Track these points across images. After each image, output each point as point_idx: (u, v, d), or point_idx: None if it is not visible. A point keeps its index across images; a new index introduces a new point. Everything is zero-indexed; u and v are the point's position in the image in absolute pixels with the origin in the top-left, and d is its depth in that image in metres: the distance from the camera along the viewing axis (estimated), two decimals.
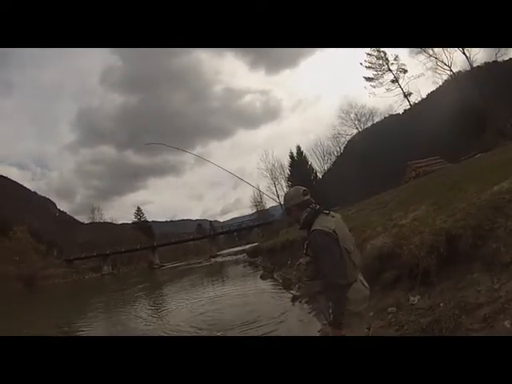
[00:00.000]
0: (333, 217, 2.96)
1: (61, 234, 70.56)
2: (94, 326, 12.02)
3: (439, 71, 43.42)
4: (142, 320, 12.18)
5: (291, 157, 59.43)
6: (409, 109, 49.79)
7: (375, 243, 6.89)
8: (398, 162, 35.01)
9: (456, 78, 42.77)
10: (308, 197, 3.07)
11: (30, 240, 50.83)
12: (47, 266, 49.43)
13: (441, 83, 47.48)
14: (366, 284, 3.00)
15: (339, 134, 55.03)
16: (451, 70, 42.93)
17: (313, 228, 2.87)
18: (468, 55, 40.01)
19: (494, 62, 41.64)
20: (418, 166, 29.48)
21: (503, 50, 39.23)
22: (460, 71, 43.26)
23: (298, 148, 60.05)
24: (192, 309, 12.46)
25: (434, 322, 4.30)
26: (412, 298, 5.25)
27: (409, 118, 48.46)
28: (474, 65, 41.29)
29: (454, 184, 8.73)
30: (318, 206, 3.04)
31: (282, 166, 58.29)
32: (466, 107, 36.92)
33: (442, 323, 4.18)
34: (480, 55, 40.23)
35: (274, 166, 57.44)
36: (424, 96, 51.34)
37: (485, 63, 42.13)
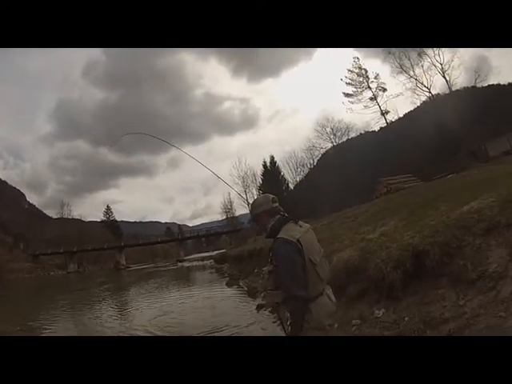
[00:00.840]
0: (300, 226, 2.78)
1: (28, 227, 67.62)
2: (56, 325, 11.56)
3: (418, 92, 44.63)
4: (101, 320, 11.87)
5: (264, 166, 58.97)
6: (385, 126, 50.53)
7: (342, 256, 6.84)
8: (370, 178, 35.22)
9: (434, 100, 43.86)
10: (277, 204, 2.93)
11: None
12: (13, 260, 47.44)
13: (419, 104, 48.41)
14: (333, 299, 2.82)
15: (314, 146, 55.29)
16: (430, 92, 44.11)
17: (277, 236, 2.70)
18: (448, 79, 41.34)
19: (472, 87, 42.66)
20: (390, 182, 29.71)
21: (483, 75, 40.90)
22: (439, 94, 44.46)
23: (272, 158, 59.56)
24: (153, 313, 12.21)
25: (396, 335, 4.26)
26: (377, 312, 5.21)
27: (384, 136, 48.89)
28: (453, 88, 42.60)
29: (424, 202, 8.80)
30: (287, 215, 2.89)
31: (254, 175, 58.14)
32: (441, 128, 37.69)
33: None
34: (460, 79, 41.64)
35: (246, 173, 57.31)
36: (401, 115, 52.13)
37: (464, 88, 43.26)
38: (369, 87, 50.60)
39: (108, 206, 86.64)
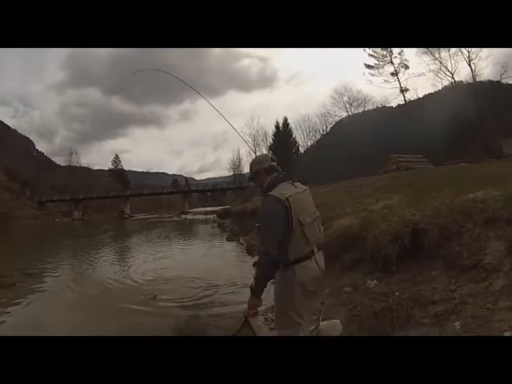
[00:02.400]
0: (295, 187, 2.85)
1: (36, 174, 68.13)
2: (60, 270, 11.87)
3: (441, 75, 43.50)
4: (101, 267, 12.34)
5: (276, 127, 59.27)
6: (403, 104, 49.92)
7: (342, 222, 6.81)
8: (381, 153, 34.94)
9: (456, 87, 42.62)
10: (275, 163, 3.01)
11: (4, 178, 49.06)
12: (19, 207, 48.08)
13: (440, 88, 47.55)
14: (322, 265, 2.91)
15: (328, 113, 55.08)
16: (453, 78, 42.90)
17: (269, 193, 2.76)
18: (473, 68, 40.17)
19: (497, 81, 41.94)
20: (400, 160, 29.34)
21: (510, 71, 39.82)
22: (461, 81, 43.19)
23: (285, 119, 59.78)
24: (153, 260, 12.76)
25: (386, 308, 4.27)
26: (369, 282, 5.22)
27: (401, 113, 48.43)
28: (477, 79, 41.69)
29: (430, 183, 8.67)
30: (284, 174, 2.98)
31: (265, 134, 58.81)
32: (459, 116, 37.08)
33: (394, 311, 4.16)
34: (485, 71, 40.59)
35: (257, 132, 57.98)
36: (420, 95, 51.42)
37: (488, 80, 42.27)
38: (391, 62, 49.91)
39: (116, 155, 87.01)
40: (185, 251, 15.46)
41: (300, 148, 59.42)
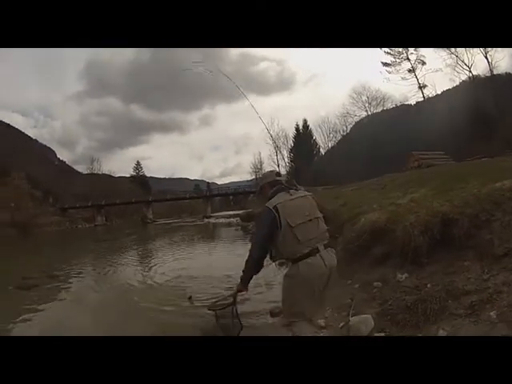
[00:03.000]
0: (290, 194, 3.15)
1: (58, 182, 69.77)
2: (83, 271, 12.09)
3: (458, 70, 42.78)
4: (127, 268, 12.42)
5: (296, 129, 59.86)
6: (421, 101, 49.36)
7: (369, 217, 6.72)
8: (402, 152, 34.51)
9: (474, 81, 41.77)
10: (280, 178, 3.41)
11: (27, 186, 50.19)
12: (42, 214, 49.08)
13: (458, 82, 46.98)
14: (330, 261, 3.09)
15: (348, 113, 55.04)
16: (470, 71, 42.15)
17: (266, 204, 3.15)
18: (490, 60, 39.22)
19: None
20: (422, 157, 28.85)
21: None
22: (479, 75, 42.33)
23: (305, 121, 60.51)
24: (177, 263, 12.72)
25: (419, 300, 4.20)
26: (399, 276, 5.13)
27: (420, 111, 47.82)
28: (495, 71, 40.88)
29: (455, 176, 8.54)
30: (285, 186, 3.28)
31: (286, 136, 59.15)
32: (479, 111, 36.35)
33: (427, 303, 4.08)
34: (503, 63, 39.53)
35: (278, 134, 57.73)
36: (439, 91, 50.88)
37: (506, 73, 41.33)
38: (408, 59, 49.50)
39: (138, 162, 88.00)
40: (209, 252, 15.61)
41: (321, 149, 59.45)
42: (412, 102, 52.31)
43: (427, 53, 48.59)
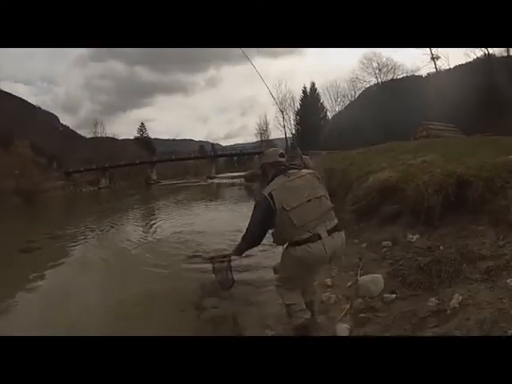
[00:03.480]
0: (288, 176, 3.07)
1: (62, 148, 69.10)
2: (85, 232, 12.08)
3: None
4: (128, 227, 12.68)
5: (304, 92, 58.93)
6: (433, 73, 48.22)
7: (379, 176, 6.44)
8: (410, 122, 33.76)
9: (489, 59, 40.11)
10: (283, 159, 3.27)
11: (31, 154, 49.94)
12: (46, 180, 49.02)
13: (473, 57, 45.05)
14: (333, 246, 2.99)
15: (357, 78, 53.72)
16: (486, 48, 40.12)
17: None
18: None
19: None
20: (431, 127, 28.13)
21: None
22: (494, 54, 40.61)
23: (312, 84, 59.43)
24: (180, 221, 12.79)
25: (433, 262, 4.02)
26: (410, 236, 4.90)
27: (431, 83, 46.44)
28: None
29: (468, 145, 8.24)
30: (285, 167, 3.18)
31: (292, 99, 58.23)
32: (492, 89, 35.20)
33: (441, 265, 3.91)
34: None
35: (285, 96, 57.21)
36: (451, 65, 49.46)
37: None
38: None
39: (142, 123, 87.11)
40: (212, 210, 15.67)
41: (328, 113, 58.45)
42: (423, 73, 51.30)
43: None
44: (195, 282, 5.61)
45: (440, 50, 45.83)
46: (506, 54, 39.77)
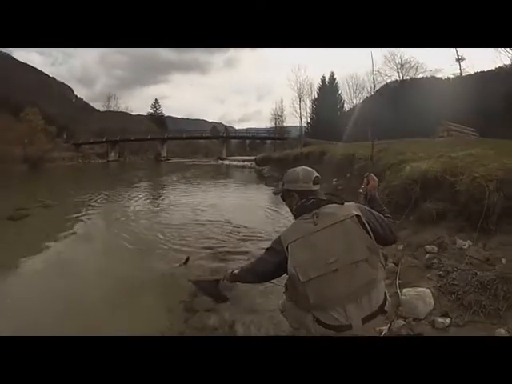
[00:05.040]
0: (315, 223, 2.10)
1: (74, 119, 69.89)
2: (79, 202, 11.33)
3: (501, 51, 38.50)
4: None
5: (322, 80, 57.97)
6: (456, 77, 46.40)
7: (417, 166, 5.48)
8: (428, 124, 32.62)
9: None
10: (317, 187, 2.32)
11: (41, 122, 49.40)
12: (55, 149, 48.64)
13: (497, 66, 42.57)
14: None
15: (378, 71, 51.55)
16: None
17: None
18: None
19: None
20: (452, 128, 27.15)
21: None
22: None
23: (332, 74, 58.17)
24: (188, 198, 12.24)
25: (498, 278, 3.14)
26: (461, 242, 3.98)
27: (453, 87, 44.64)
28: None
29: (501, 145, 7.17)
30: (317, 201, 2.20)
31: (311, 86, 56.39)
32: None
33: (509, 284, 3.06)
34: None
35: (304, 81, 55.54)
36: (476, 70, 47.55)
37: None
38: None
39: (156, 99, 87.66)
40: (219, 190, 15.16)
41: (345, 105, 57.29)
42: (444, 75, 49.73)
43: None
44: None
45: (466, 53, 44.46)
46: None
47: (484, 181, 4.08)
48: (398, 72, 50.58)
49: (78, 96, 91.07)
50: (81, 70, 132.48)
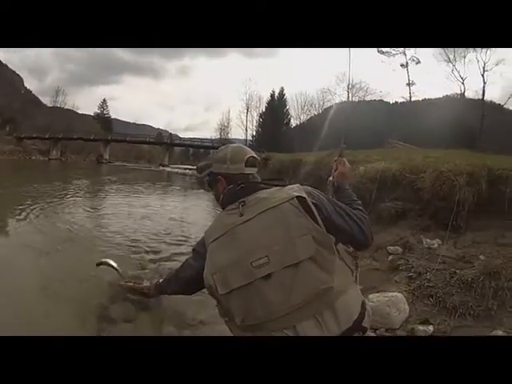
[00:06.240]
0: (241, 213, 1.35)
1: (21, 112, 64.39)
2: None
3: (452, 78, 40.91)
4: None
5: (272, 96, 57.40)
6: (402, 102, 48.64)
7: (374, 166, 5.00)
8: (375, 142, 34.30)
9: (464, 100, 40.69)
10: (252, 170, 1.53)
11: None
12: None
13: (445, 94, 45.29)
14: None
15: (328, 89, 52.81)
16: (463, 83, 40.41)
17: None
18: (485, 80, 37.64)
19: (501, 105, 39.51)
20: (397, 145, 28.60)
21: None
22: (470, 98, 41.13)
23: (281, 89, 57.67)
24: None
25: (483, 275, 2.71)
26: (428, 241, 3.49)
27: (401, 111, 47.07)
28: (486, 93, 38.80)
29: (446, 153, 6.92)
30: (243, 187, 1.44)
31: (259, 99, 56.86)
32: (461, 127, 36.00)
33: (500, 280, 2.65)
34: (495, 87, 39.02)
35: (253, 93, 56.70)
36: (425, 97, 49.15)
37: (491, 101, 40.04)
38: (404, 53, 46.70)
39: (104, 100, 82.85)
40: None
41: (292, 120, 57.67)
42: (392, 100, 51.45)
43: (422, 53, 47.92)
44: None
45: (416, 77, 47.38)
46: (479, 97, 39.71)
47: (452, 175, 3.64)
48: (347, 91, 52.19)
49: (28, 87, 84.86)
50: (35, 59, 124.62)
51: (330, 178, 1.96)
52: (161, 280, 2.03)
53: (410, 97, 47.24)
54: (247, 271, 1.26)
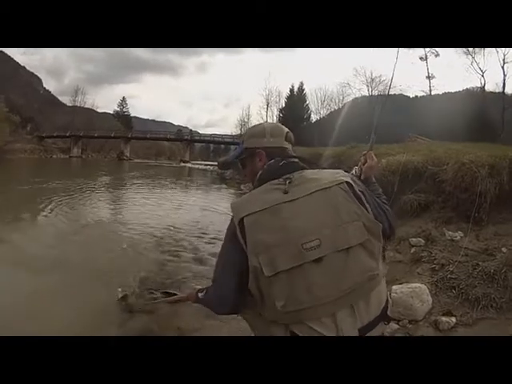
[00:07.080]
0: (285, 191, 1.25)
1: (40, 111, 65.68)
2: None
3: (471, 71, 39.93)
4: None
5: (291, 90, 55.92)
6: (422, 96, 46.76)
7: (395, 158, 4.94)
8: (393, 136, 33.71)
9: (484, 94, 39.65)
10: (290, 147, 1.45)
11: (5, 110, 46.35)
12: (17, 140, 45.94)
13: (465, 87, 44.05)
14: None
15: (348, 84, 52.04)
16: (483, 76, 39.37)
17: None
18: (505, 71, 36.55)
19: None
20: (419, 140, 28.07)
21: None
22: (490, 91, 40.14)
23: (301, 84, 55.91)
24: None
25: (506, 267, 2.69)
26: (451, 233, 3.46)
27: (420, 105, 45.85)
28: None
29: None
30: (285, 163, 1.35)
31: (279, 94, 55.71)
32: (482, 121, 35.23)
33: None
34: None
35: (272, 88, 56.12)
36: (445, 91, 47.62)
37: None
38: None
39: (124, 98, 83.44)
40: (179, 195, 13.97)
41: (312, 115, 56.75)
42: (410, 95, 49.48)
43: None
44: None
45: (436, 70, 46.28)
46: (499, 90, 38.46)
47: (475, 166, 3.60)
48: (367, 85, 51.31)
49: (46, 88, 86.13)
50: (52, 60, 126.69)
51: (353, 171, 1.94)
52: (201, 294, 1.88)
53: (430, 90, 45.91)
54: (298, 253, 1.19)
